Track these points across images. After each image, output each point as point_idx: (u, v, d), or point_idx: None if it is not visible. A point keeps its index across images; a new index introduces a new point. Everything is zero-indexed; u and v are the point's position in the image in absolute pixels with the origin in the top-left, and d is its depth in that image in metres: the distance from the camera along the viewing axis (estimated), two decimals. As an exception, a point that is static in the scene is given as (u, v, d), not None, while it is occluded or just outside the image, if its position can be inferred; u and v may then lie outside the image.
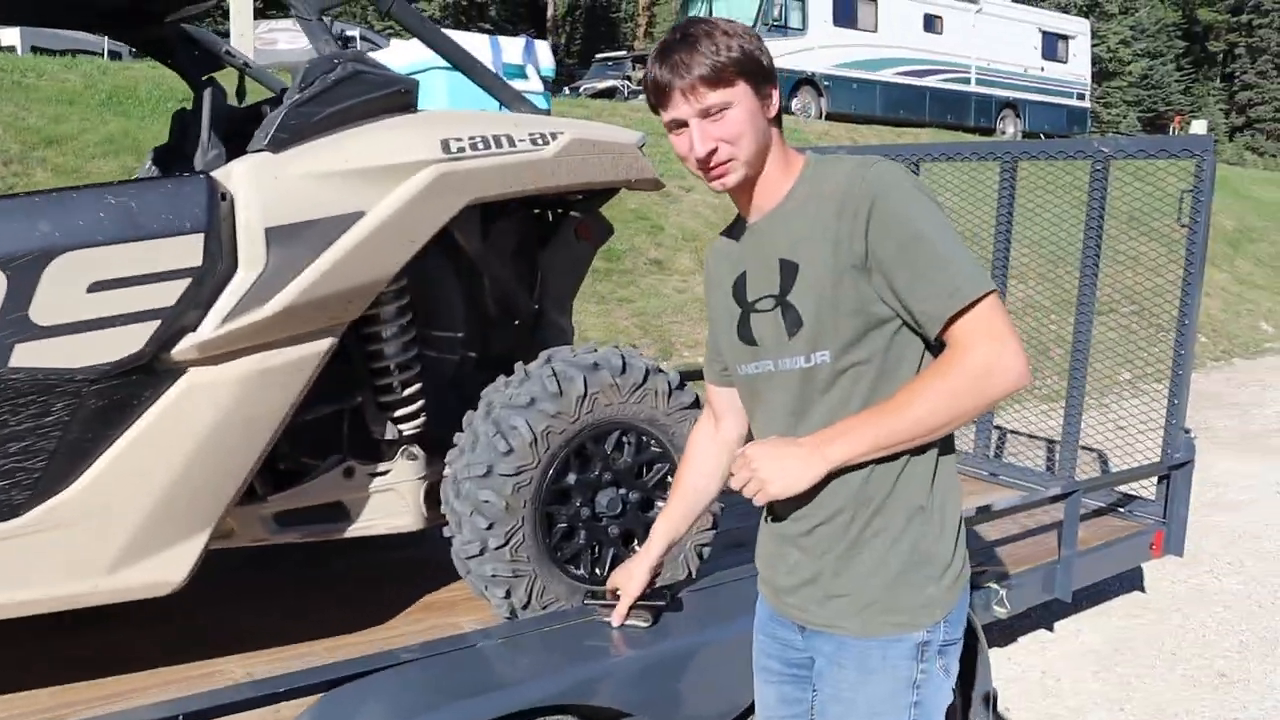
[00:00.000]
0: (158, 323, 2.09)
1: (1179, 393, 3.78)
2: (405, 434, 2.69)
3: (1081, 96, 22.84)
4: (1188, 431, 3.82)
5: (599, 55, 26.79)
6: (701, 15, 18.39)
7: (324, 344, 2.32)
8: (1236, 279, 14.57)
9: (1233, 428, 8.41)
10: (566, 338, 3.10)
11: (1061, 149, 4.04)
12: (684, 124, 1.56)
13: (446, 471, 2.64)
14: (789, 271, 1.61)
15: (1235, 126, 48.80)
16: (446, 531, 2.65)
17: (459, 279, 2.89)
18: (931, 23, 19.74)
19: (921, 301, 1.51)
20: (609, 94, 21.25)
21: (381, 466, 2.67)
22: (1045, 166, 5.00)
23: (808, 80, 17.68)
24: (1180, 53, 47.50)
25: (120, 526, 2.15)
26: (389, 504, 2.69)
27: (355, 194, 2.26)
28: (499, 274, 2.91)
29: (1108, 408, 6.85)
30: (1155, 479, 3.92)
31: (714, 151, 1.56)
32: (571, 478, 2.62)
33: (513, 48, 3.46)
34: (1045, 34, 21.99)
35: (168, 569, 2.22)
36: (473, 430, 2.60)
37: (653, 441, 2.72)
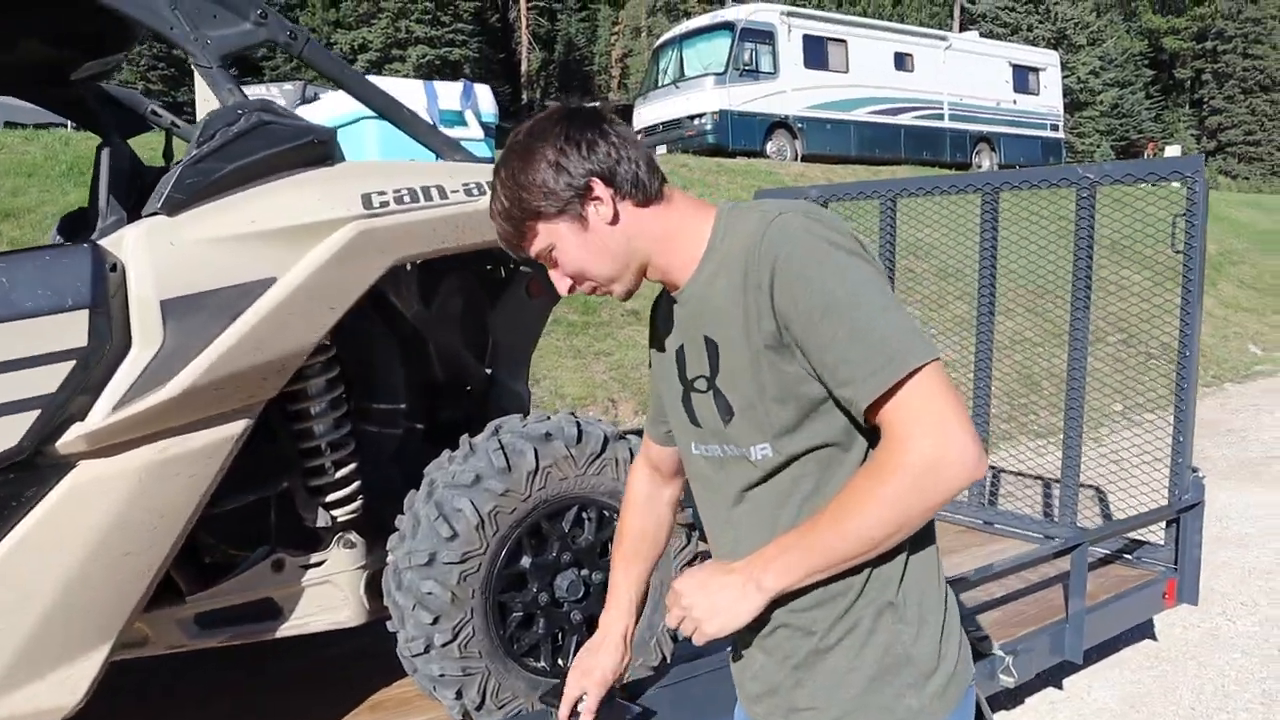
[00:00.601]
0: (37, 413, 1.84)
1: (1184, 430, 3.56)
2: (341, 519, 2.43)
3: (1055, 127, 22.87)
4: (1195, 471, 3.59)
5: (572, 107, 26.86)
6: (670, 68, 18.55)
7: (237, 426, 2.07)
8: (1221, 303, 14.45)
9: (1230, 456, 8.19)
10: (523, 403, 2.85)
11: (1045, 177, 3.85)
12: None
13: (389, 560, 2.38)
14: (713, 352, 1.39)
15: (1207, 151, 49.24)
16: (390, 626, 2.38)
17: (398, 345, 2.65)
18: (902, 61, 19.78)
19: (842, 385, 1.25)
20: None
21: (315, 557, 2.41)
22: (1026, 197, 4.83)
23: (781, 124, 17.62)
24: (1149, 81, 48.08)
25: (1, 646, 1.88)
26: (325, 598, 2.42)
27: (264, 258, 2.02)
28: (444, 338, 2.67)
29: (1102, 441, 6.63)
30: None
31: (574, 288, 1.44)
32: (526, 561, 2.36)
33: (449, 93, 3.23)
34: (1015, 67, 22.05)
35: (60, 691, 1.94)
36: (414, 513, 2.34)
37: (616, 516, 2.47)
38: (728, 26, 17.70)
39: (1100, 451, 5.37)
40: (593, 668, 1.77)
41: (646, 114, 18.50)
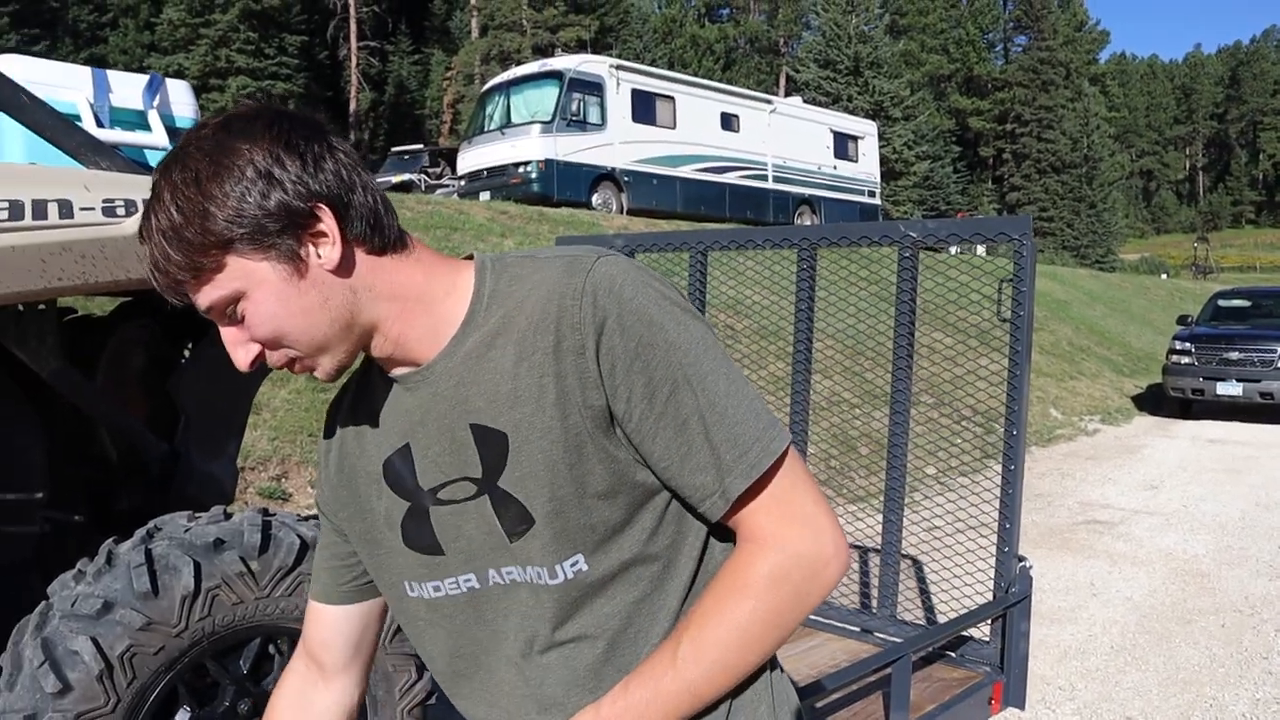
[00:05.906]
0: None
1: (1010, 515, 3.21)
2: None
3: (872, 194, 23.66)
4: (1022, 560, 3.25)
5: (394, 149, 25.96)
6: (497, 114, 18.09)
7: None
8: (1025, 368, 14.95)
9: (1038, 522, 8.19)
10: (221, 488, 2.21)
11: (865, 234, 3.50)
12: None
13: (-17, 718, 1.70)
14: (493, 444, 1.05)
15: (1008, 224, 52.78)
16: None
17: (35, 415, 1.97)
18: (729, 121, 20.03)
19: (691, 474, 1.03)
20: (405, 188, 20.45)
21: None
22: (843, 259, 4.57)
23: (608, 176, 17.45)
24: (956, 156, 51.29)
25: None
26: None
27: None
28: (102, 406, 2.01)
29: (916, 506, 6.41)
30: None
31: (258, 359, 1.03)
32: (184, 717, 1.72)
33: (128, 87, 2.56)
34: (836, 134, 22.74)
35: None
36: (17, 652, 1.67)
37: (319, 647, 1.86)
38: (556, 76, 17.49)
39: (919, 515, 5.11)
40: None
41: (470, 159, 18.00)
